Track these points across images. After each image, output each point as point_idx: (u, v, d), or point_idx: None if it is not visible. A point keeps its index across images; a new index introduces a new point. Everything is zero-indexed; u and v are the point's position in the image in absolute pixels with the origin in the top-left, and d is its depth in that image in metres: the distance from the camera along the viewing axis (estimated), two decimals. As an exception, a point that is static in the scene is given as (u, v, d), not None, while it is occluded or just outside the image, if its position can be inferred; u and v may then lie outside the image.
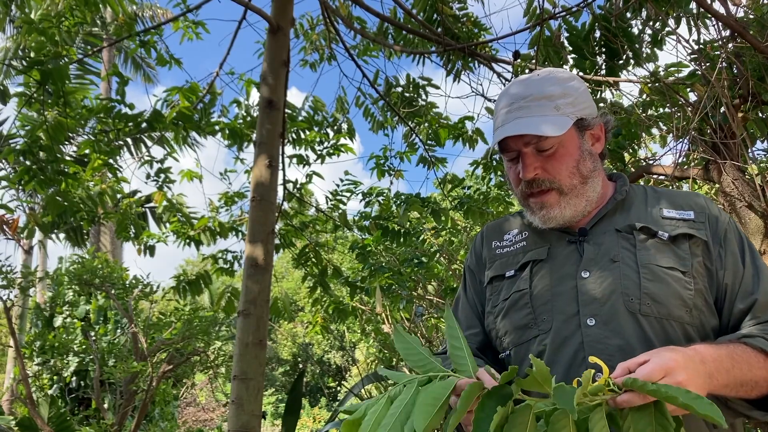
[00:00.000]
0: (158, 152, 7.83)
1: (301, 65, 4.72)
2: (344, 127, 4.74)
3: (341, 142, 4.67)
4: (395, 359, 6.87)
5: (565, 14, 3.25)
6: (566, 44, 3.41)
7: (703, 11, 2.98)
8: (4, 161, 3.67)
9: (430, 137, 4.51)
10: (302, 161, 4.66)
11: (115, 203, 4.34)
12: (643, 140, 3.62)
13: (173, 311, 6.22)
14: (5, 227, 4.33)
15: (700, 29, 3.08)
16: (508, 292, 1.24)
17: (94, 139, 3.87)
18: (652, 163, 3.62)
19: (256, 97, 4.53)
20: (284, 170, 4.24)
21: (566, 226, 1.23)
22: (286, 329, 17.89)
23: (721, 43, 2.93)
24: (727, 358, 0.99)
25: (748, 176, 2.92)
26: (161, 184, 4.36)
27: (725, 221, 1.19)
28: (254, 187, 2.92)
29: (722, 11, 2.81)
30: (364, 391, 6.36)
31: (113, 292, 6.12)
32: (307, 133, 4.59)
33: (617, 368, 0.89)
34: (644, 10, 3.18)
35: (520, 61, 3.50)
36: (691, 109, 3.00)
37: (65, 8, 3.47)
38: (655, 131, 3.55)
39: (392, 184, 4.69)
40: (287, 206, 4.78)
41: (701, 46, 3.04)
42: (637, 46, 3.22)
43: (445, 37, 3.77)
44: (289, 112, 4.44)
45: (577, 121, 1.20)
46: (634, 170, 3.46)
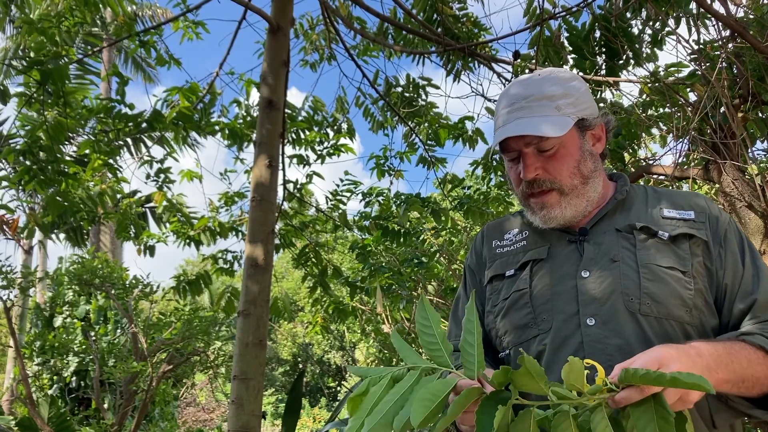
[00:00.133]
0: (158, 152, 7.84)
1: (301, 65, 4.72)
2: (344, 127, 4.75)
3: (341, 142, 4.67)
4: (395, 359, 6.87)
5: (565, 14, 3.25)
6: (566, 44, 3.41)
7: (703, 11, 2.98)
8: (4, 161, 3.67)
9: (430, 137, 4.51)
10: (302, 161, 4.66)
11: (115, 203, 4.34)
12: (643, 140, 3.61)
13: (173, 311, 6.22)
14: (5, 227, 4.33)
15: (700, 29, 3.08)
16: (508, 291, 1.24)
17: (94, 139, 3.87)
18: (652, 163, 3.62)
19: (256, 97, 4.54)
20: (284, 170, 4.25)
21: (567, 225, 1.23)
22: (286, 329, 17.89)
23: (721, 43, 2.93)
24: (725, 353, 0.99)
25: (748, 176, 2.92)
26: (161, 184, 4.36)
27: (725, 221, 1.19)
28: (254, 187, 2.92)
29: (722, 11, 2.81)
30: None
31: (113, 292, 6.12)
32: (307, 133, 4.59)
33: (614, 370, 0.88)
34: (644, 10, 3.18)
35: (520, 61, 3.50)
36: (691, 109, 3.00)
37: (65, 8, 3.47)
38: (655, 131, 3.55)
39: (392, 184, 4.70)
40: (287, 206, 4.78)
41: (701, 46, 3.04)
42: (637, 46, 3.22)
43: (445, 37, 3.77)
44: (289, 112, 4.44)
45: (578, 121, 1.20)
46: (634, 170, 3.46)
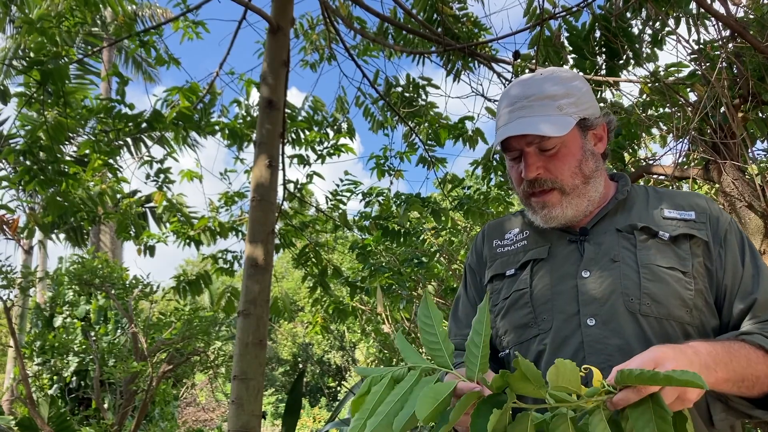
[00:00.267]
0: (158, 152, 7.84)
1: (301, 65, 4.72)
2: (344, 127, 4.75)
3: (341, 142, 4.68)
4: (395, 359, 6.87)
5: (565, 14, 3.25)
6: (566, 44, 3.41)
7: (703, 11, 2.98)
8: (4, 161, 3.66)
9: (430, 137, 4.51)
10: (302, 161, 4.66)
11: (115, 203, 4.34)
12: (643, 140, 3.62)
13: (173, 311, 6.22)
14: (5, 227, 4.32)
15: (699, 29, 3.08)
16: (508, 291, 1.24)
17: (94, 139, 3.87)
18: (652, 163, 3.62)
19: (256, 97, 4.54)
20: (284, 170, 4.25)
21: (567, 225, 1.23)
22: (286, 329, 17.89)
23: (721, 43, 2.93)
24: (724, 352, 0.98)
25: (748, 176, 2.92)
26: (161, 184, 4.36)
27: (726, 221, 1.19)
28: (254, 187, 2.92)
29: (722, 11, 2.81)
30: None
31: (113, 292, 6.12)
32: (307, 133, 4.59)
33: (612, 372, 0.88)
34: (644, 10, 3.18)
35: (520, 61, 3.50)
36: (691, 109, 3.00)
37: (65, 8, 3.47)
38: (655, 131, 3.55)
39: (392, 184, 4.70)
40: (287, 206, 4.78)
41: (701, 46, 3.04)
42: (637, 46, 3.22)
43: (445, 37, 3.77)
44: (289, 112, 4.44)
45: (579, 121, 1.20)
46: (634, 170, 3.46)
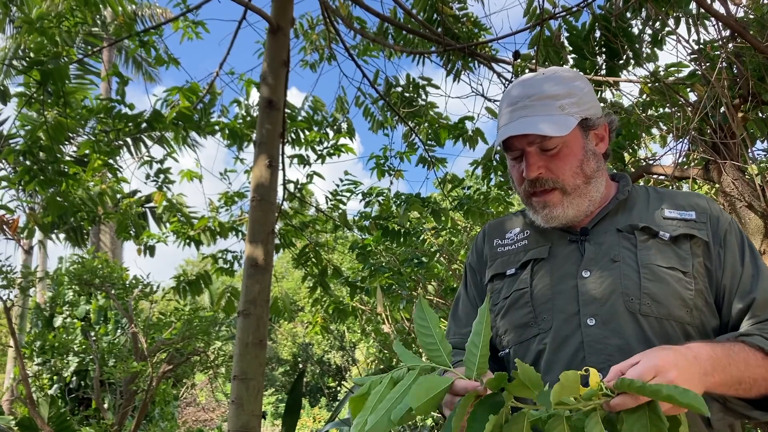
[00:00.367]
0: (158, 152, 7.83)
1: (301, 65, 4.72)
2: (344, 127, 4.75)
3: (341, 142, 4.68)
4: (395, 359, 6.87)
5: (565, 14, 3.25)
6: (566, 44, 3.41)
7: (703, 11, 2.98)
8: (4, 161, 3.66)
9: (430, 137, 4.51)
10: (302, 161, 4.66)
11: (115, 203, 4.34)
12: (643, 140, 3.62)
13: (173, 311, 6.22)
14: (5, 227, 4.32)
15: (699, 29, 3.08)
16: (508, 290, 1.24)
17: (94, 139, 3.87)
18: (652, 163, 3.62)
19: (256, 97, 4.54)
20: (284, 170, 4.25)
21: (568, 225, 1.23)
22: (286, 329, 17.88)
23: (721, 43, 2.93)
24: (723, 355, 0.98)
25: (748, 176, 2.92)
26: (161, 184, 4.36)
27: (726, 221, 1.19)
28: (254, 187, 2.92)
29: (722, 11, 2.81)
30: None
31: (113, 292, 6.12)
32: (307, 133, 4.59)
33: (610, 372, 0.88)
34: (644, 10, 3.18)
35: (520, 61, 3.50)
36: (691, 109, 3.00)
37: (65, 8, 3.47)
38: (655, 131, 3.55)
39: (392, 184, 4.70)
40: (287, 206, 4.78)
41: (701, 46, 3.04)
42: (637, 46, 3.22)
43: (445, 37, 3.77)
44: (289, 112, 4.44)
45: (581, 121, 1.20)
46: (634, 170, 3.46)
